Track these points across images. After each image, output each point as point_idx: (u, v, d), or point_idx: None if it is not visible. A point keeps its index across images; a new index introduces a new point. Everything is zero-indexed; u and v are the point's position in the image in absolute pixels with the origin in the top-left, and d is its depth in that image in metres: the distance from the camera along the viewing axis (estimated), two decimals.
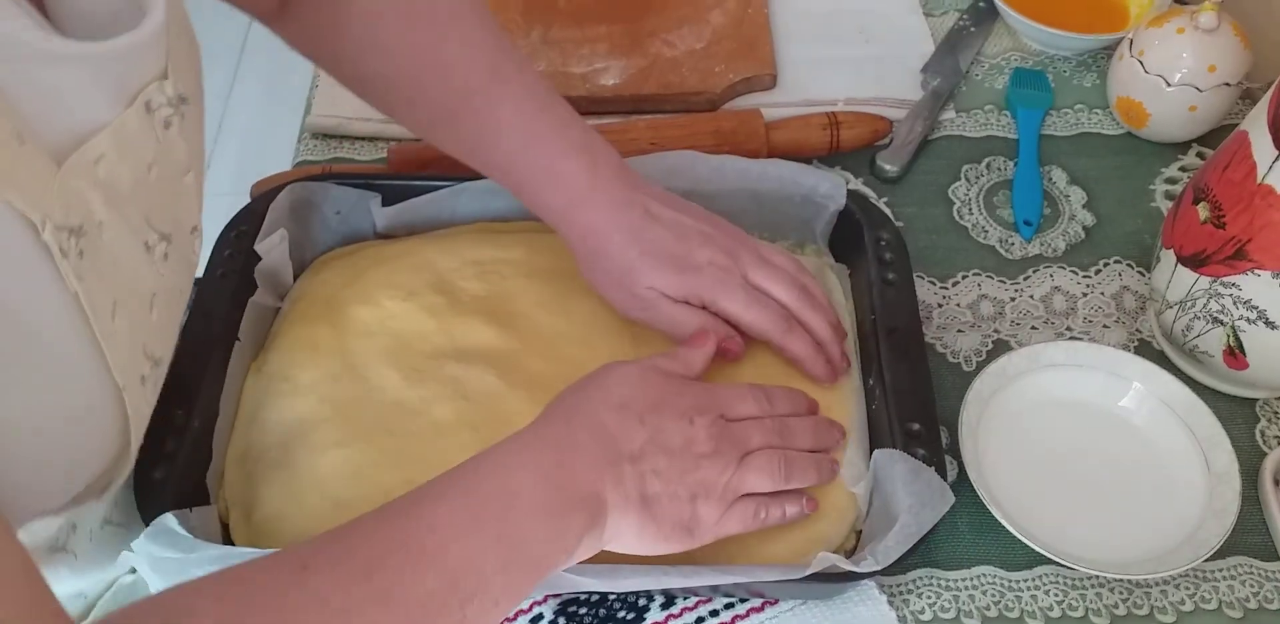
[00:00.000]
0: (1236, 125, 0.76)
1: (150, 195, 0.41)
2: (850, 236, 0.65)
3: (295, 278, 0.65)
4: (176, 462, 0.54)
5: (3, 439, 0.36)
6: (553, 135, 0.57)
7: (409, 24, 0.56)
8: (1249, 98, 0.78)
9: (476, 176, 0.66)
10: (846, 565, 0.50)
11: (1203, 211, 0.58)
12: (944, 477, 0.53)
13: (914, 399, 0.56)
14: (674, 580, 0.50)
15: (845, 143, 0.73)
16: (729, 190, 0.65)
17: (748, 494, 0.52)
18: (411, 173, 0.71)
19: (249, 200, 0.65)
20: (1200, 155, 0.76)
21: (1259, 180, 0.54)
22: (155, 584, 0.51)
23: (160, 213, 0.42)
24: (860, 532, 0.55)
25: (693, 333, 0.57)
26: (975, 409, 0.58)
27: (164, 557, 0.49)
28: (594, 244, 0.58)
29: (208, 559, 0.49)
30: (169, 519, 0.51)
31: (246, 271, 0.62)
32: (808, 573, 0.50)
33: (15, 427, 0.37)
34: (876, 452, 0.55)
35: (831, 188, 0.64)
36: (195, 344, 0.58)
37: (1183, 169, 0.76)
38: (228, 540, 0.55)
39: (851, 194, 0.64)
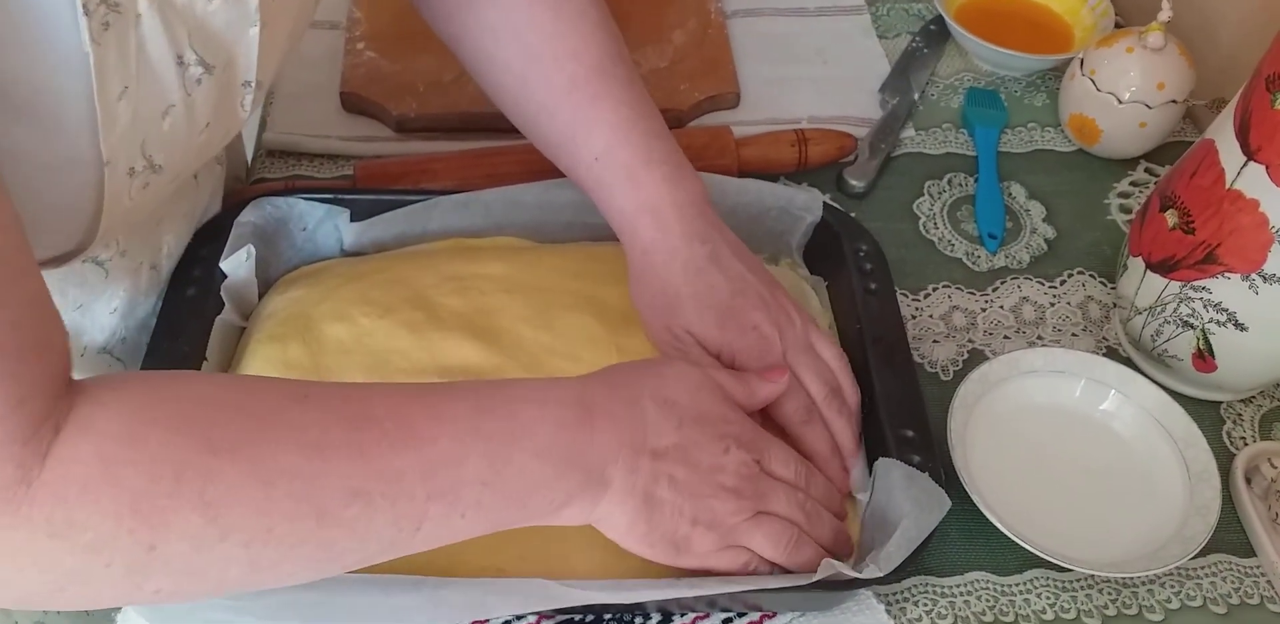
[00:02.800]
0: (1182, 142, 0.80)
1: (202, 21, 0.42)
2: (826, 248, 0.65)
3: (260, 296, 0.63)
4: None
5: None
6: (643, 142, 0.57)
7: (538, 11, 0.57)
8: (1192, 117, 0.82)
9: (447, 191, 0.65)
10: (851, 572, 0.50)
11: (1171, 218, 0.60)
12: (940, 482, 0.53)
13: (905, 406, 0.56)
14: (679, 591, 0.49)
15: (813, 159, 0.74)
16: None
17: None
18: (381, 187, 0.70)
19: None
20: (1149, 171, 0.79)
21: (1228, 185, 0.56)
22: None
23: (207, 42, 0.43)
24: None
25: (777, 367, 0.55)
26: (961, 416, 0.59)
27: None
28: (651, 264, 0.56)
29: None
30: None
31: (213, 288, 0.59)
32: (814, 580, 0.50)
33: None
34: (879, 461, 0.55)
35: (808, 200, 0.65)
36: (162, 364, 0.56)
37: (1133, 184, 0.78)
38: None
39: (827, 206, 0.65)
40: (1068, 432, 0.61)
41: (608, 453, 0.46)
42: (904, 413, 0.56)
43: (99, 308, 0.56)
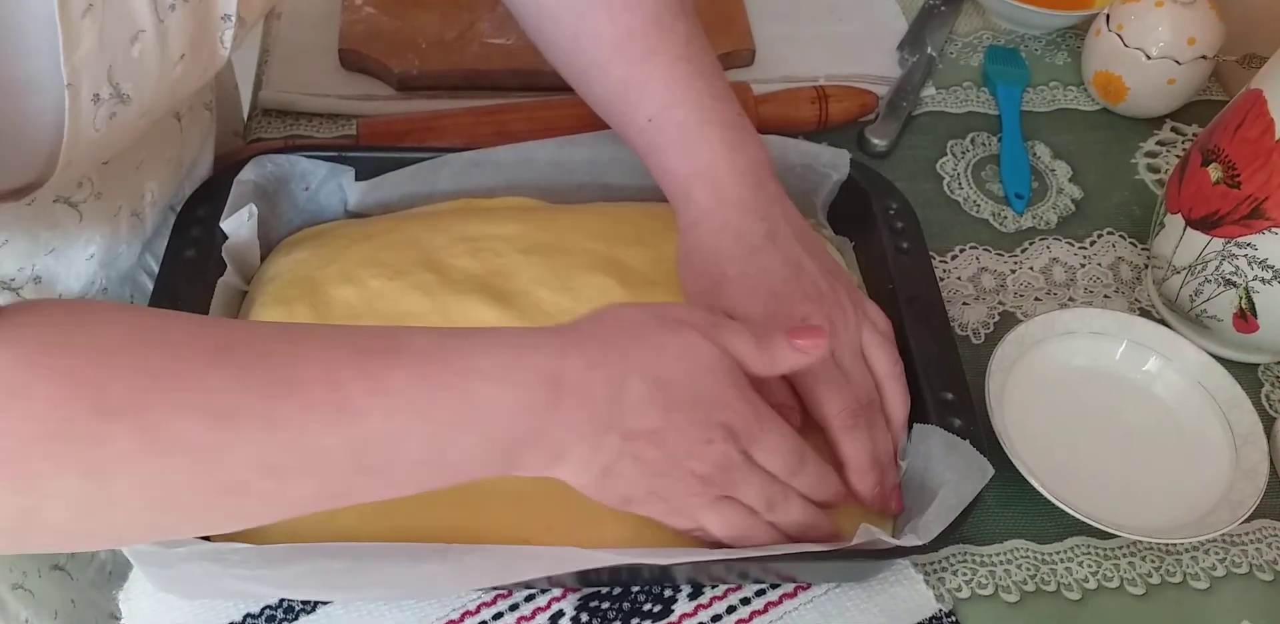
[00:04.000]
0: (1208, 100, 0.78)
1: None
2: (853, 208, 0.63)
3: (261, 259, 0.60)
4: None
5: None
6: (700, 101, 0.52)
7: None
8: (1218, 75, 0.79)
9: (455, 149, 0.62)
10: (889, 540, 0.48)
11: (1214, 173, 0.58)
12: (981, 448, 0.51)
13: (943, 368, 0.54)
14: (710, 555, 0.46)
15: (833, 117, 0.71)
16: None
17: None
18: (386, 145, 0.67)
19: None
20: (1176, 130, 0.77)
21: (1277, 136, 0.53)
22: (145, 574, 0.47)
23: None
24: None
25: (811, 328, 0.47)
26: (998, 378, 0.57)
27: (149, 551, 0.44)
28: (699, 239, 0.52)
29: (194, 555, 0.44)
30: None
31: (213, 250, 0.56)
32: (852, 544, 0.47)
33: None
34: (916, 426, 0.52)
35: (835, 157, 0.62)
36: None
37: (1160, 143, 0.76)
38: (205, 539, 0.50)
39: (854, 163, 0.62)
40: (1107, 394, 0.59)
41: (569, 433, 0.41)
42: (943, 375, 0.53)
43: (74, 253, 0.52)
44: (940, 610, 0.52)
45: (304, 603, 0.50)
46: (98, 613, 0.63)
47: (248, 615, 0.50)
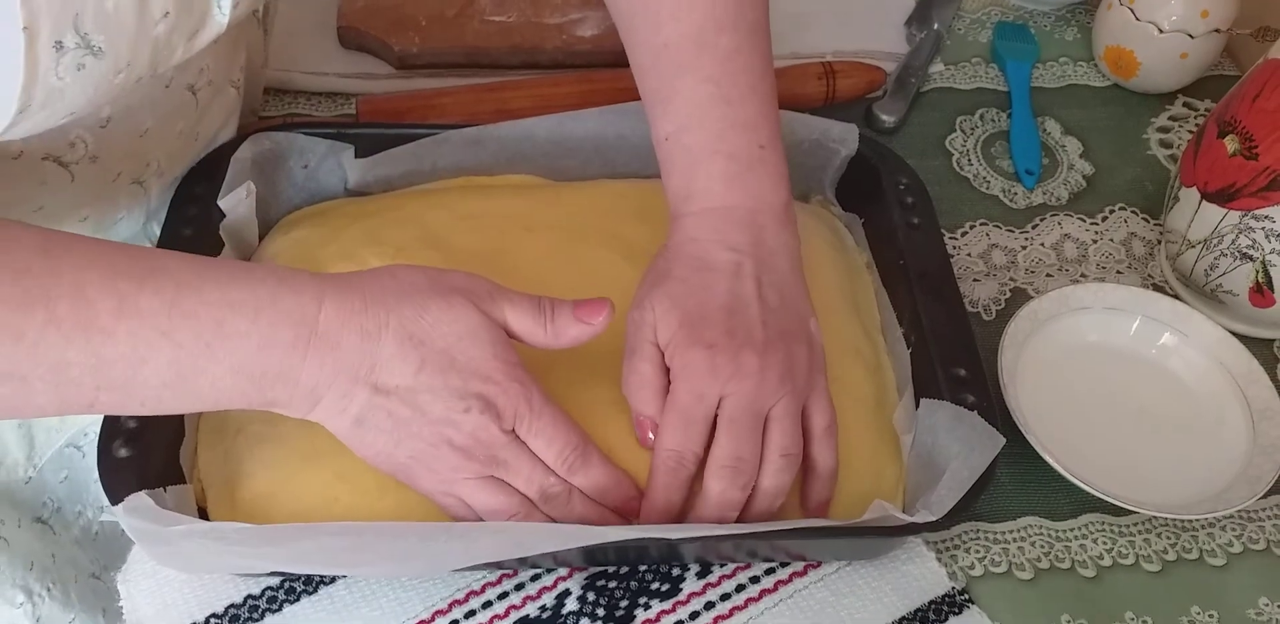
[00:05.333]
0: (1220, 76, 0.76)
1: None
2: (863, 183, 0.62)
3: (260, 238, 0.59)
4: (142, 438, 0.48)
5: None
6: (717, 128, 0.50)
7: None
8: (1229, 50, 0.78)
9: (457, 125, 0.61)
10: (901, 516, 0.47)
11: (1231, 144, 0.56)
12: (993, 422, 0.50)
13: (955, 343, 0.53)
14: (715, 530, 0.45)
15: (841, 93, 0.70)
16: None
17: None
18: (386, 122, 0.66)
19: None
20: (1188, 105, 0.76)
21: None
22: (145, 550, 0.46)
23: None
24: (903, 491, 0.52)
25: (596, 300, 0.45)
26: (1011, 354, 0.56)
27: (146, 528, 0.43)
28: (668, 247, 0.50)
29: (193, 533, 0.43)
30: (142, 498, 0.45)
31: (211, 229, 0.55)
32: (863, 519, 0.47)
33: None
34: (923, 401, 0.51)
35: (844, 132, 0.61)
36: None
37: (1172, 118, 0.75)
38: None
39: (864, 138, 0.61)
40: (1122, 370, 0.58)
41: (319, 377, 0.41)
42: (955, 351, 0.52)
43: (64, 214, 0.51)
44: (953, 588, 0.51)
45: (306, 584, 0.49)
46: (78, 571, 0.62)
47: (249, 597, 0.49)
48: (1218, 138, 0.58)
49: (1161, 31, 0.71)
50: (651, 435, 0.47)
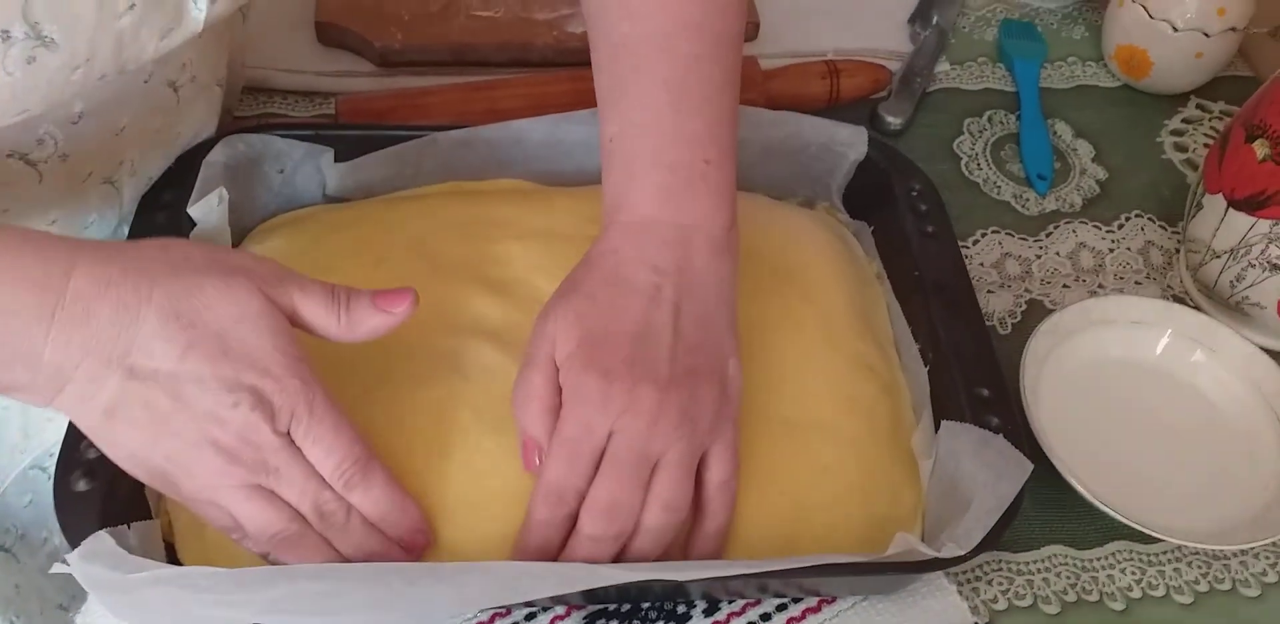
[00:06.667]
0: (1234, 76, 0.74)
1: None
2: (872, 189, 0.58)
3: (234, 247, 0.55)
4: (104, 468, 0.44)
5: None
6: (660, 138, 0.45)
7: None
8: (1243, 50, 0.75)
9: (443, 127, 0.58)
10: (927, 550, 0.43)
11: (1260, 149, 0.54)
12: (1019, 446, 0.47)
13: (977, 361, 0.50)
14: (727, 570, 0.42)
15: (845, 93, 0.67)
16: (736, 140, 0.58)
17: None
18: (367, 123, 0.62)
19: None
20: (1201, 107, 0.73)
21: None
22: (102, 601, 0.42)
23: None
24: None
25: (398, 290, 0.42)
26: (1032, 372, 0.53)
27: (104, 577, 0.39)
28: (579, 275, 0.45)
29: (158, 580, 0.39)
30: (102, 539, 0.41)
31: (181, 238, 0.51)
32: (887, 554, 0.43)
33: None
34: (944, 424, 0.48)
35: (852, 135, 0.58)
36: None
37: (1185, 121, 0.72)
38: (174, 561, 0.45)
39: (873, 141, 0.58)
40: (1146, 387, 0.55)
41: (65, 357, 0.36)
42: (977, 369, 0.49)
43: (33, 216, 0.47)
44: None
45: None
46: (43, 603, 0.58)
47: None
48: (1245, 142, 0.55)
49: (1176, 30, 0.68)
50: (538, 461, 0.43)
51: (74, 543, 0.41)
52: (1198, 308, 0.61)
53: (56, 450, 0.44)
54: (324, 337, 0.41)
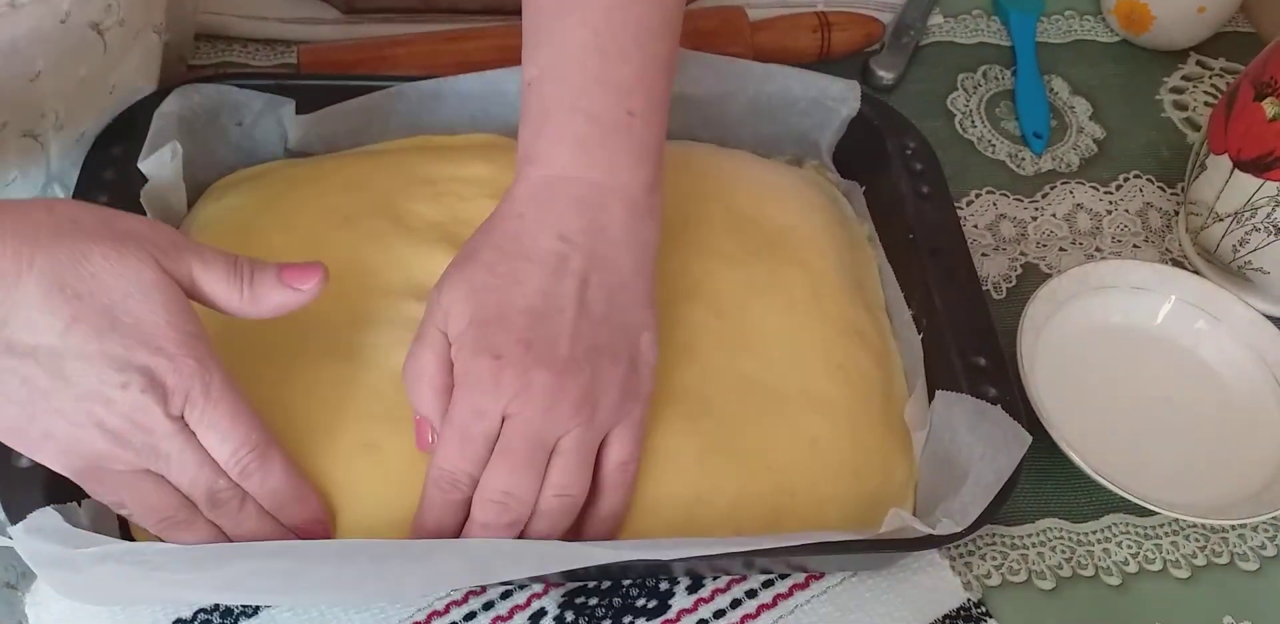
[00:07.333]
0: (1235, 32, 0.71)
1: None
2: (864, 147, 0.56)
3: (189, 205, 0.52)
4: None
5: None
6: (584, 84, 0.42)
7: None
8: (1245, 5, 0.73)
9: (412, 78, 0.54)
10: (922, 527, 0.42)
11: (1270, 108, 0.51)
12: (1017, 417, 0.45)
13: (973, 328, 0.48)
14: (715, 549, 0.40)
15: (836, 46, 0.64)
16: (721, 94, 0.55)
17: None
18: (332, 73, 0.58)
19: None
20: (1201, 64, 0.71)
21: None
22: (47, 579, 0.40)
23: None
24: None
25: (308, 264, 0.39)
26: (1030, 339, 0.51)
27: (49, 551, 0.37)
28: (477, 242, 0.42)
29: (107, 556, 0.37)
30: (49, 515, 0.38)
31: (131, 195, 0.48)
32: (881, 532, 0.42)
33: None
34: (939, 394, 0.46)
35: (844, 90, 0.55)
36: None
37: (1185, 78, 0.70)
38: (127, 538, 0.43)
39: (866, 97, 0.55)
40: (1146, 355, 0.53)
41: None
42: (973, 337, 0.47)
43: None
44: (969, 600, 0.46)
45: (245, 605, 0.43)
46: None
47: (178, 620, 0.43)
48: (1254, 100, 0.52)
49: None
50: (431, 440, 0.41)
51: (16, 522, 0.38)
52: (1197, 272, 0.59)
53: None
54: (224, 312, 0.38)
